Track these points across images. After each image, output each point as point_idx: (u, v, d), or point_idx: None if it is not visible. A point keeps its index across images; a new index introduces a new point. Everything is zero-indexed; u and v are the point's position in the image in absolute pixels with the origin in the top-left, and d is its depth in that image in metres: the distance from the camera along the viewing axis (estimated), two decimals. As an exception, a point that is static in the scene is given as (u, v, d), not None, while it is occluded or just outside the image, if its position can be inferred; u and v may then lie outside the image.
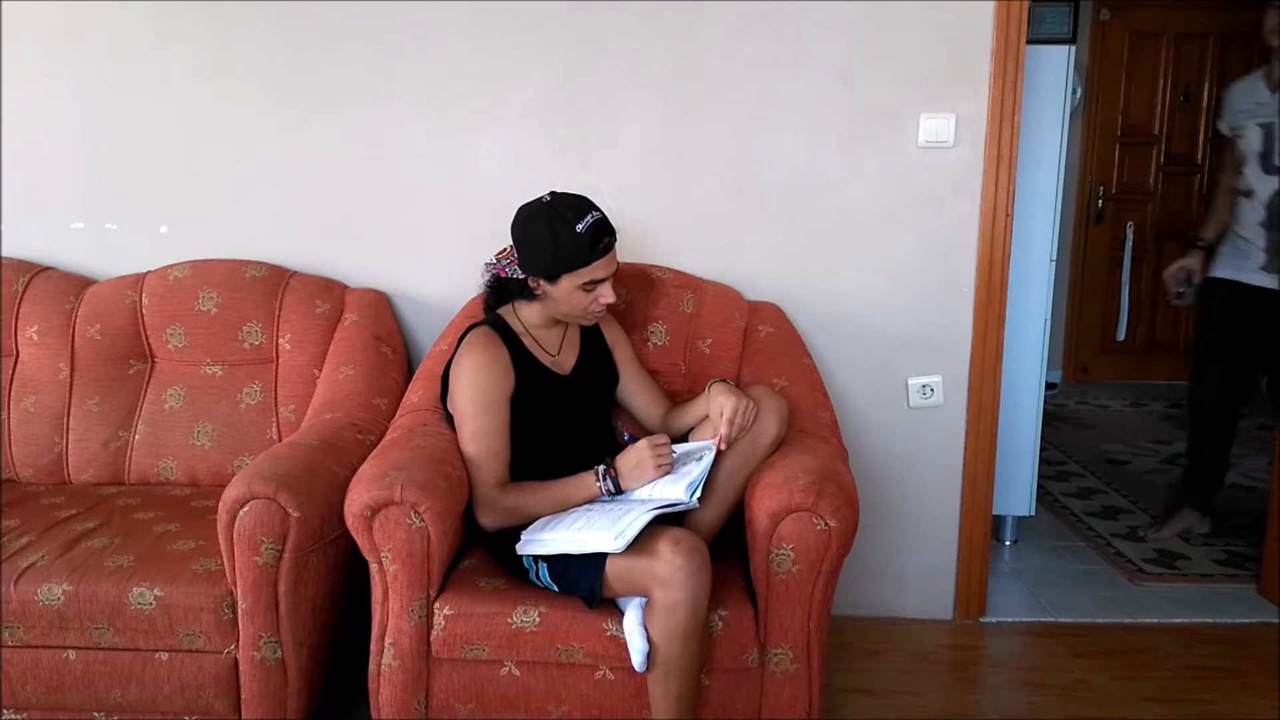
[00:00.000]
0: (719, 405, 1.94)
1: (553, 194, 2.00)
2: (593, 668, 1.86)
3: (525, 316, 2.09)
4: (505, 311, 2.10)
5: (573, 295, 1.99)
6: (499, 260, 2.07)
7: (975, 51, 2.49)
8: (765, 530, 1.83)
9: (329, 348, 2.45)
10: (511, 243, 2.04)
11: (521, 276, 2.01)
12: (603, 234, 1.97)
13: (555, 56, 2.52)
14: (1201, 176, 5.44)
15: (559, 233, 1.94)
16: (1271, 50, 2.99)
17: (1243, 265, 3.06)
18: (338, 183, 2.59)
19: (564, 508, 1.93)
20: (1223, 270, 3.12)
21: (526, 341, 2.08)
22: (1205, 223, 3.24)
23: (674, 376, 2.40)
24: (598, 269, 1.97)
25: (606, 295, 2.01)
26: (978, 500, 2.70)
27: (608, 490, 1.92)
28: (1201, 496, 3.33)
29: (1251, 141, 3.00)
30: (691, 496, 1.86)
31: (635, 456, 1.91)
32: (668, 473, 1.91)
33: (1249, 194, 3.02)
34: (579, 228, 1.93)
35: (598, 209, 1.98)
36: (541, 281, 2.00)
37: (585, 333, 2.18)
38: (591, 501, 1.94)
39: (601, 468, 1.93)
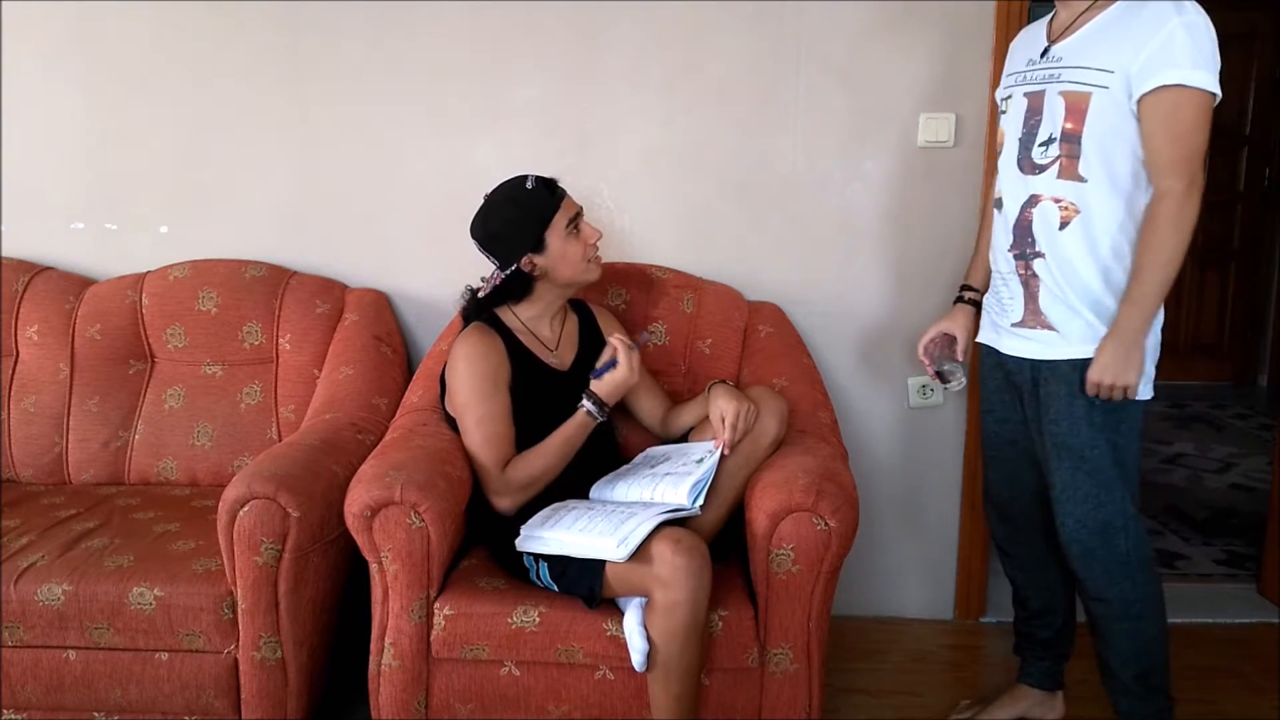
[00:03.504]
0: (719, 409, 1.95)
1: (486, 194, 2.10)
2: (593, 668, 1.86)
3: (520, 312, 2.10)
4: (501, 312, 2.11)
5: (566, 248, 2.05)
6: (485, 282, 2.09)
7: (975, 51, 2.49)
8: (765, 530, 1.83)
9: (329, 348, 2.45)
10: (485, 255, 2.07)
11: (512, 270, 2.03)
12: (550, 182, 2.07)
13: (555, 56, 2.52)
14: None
15: (517, 199, 2.04)
16: None
17: (996, 322, 2.02)
18: (338, 183, 2.59)
19: (573, 450, 1.98)
20: (983, 330, 2.09)
21: (524, 339, 2.08)
22: (974, 259, 2.18)
23: (674, 376, 2.40)
24: (568, 207, 2.06)
25: (590, 232, 2.09)
26: (978, 500, 2.69)
27: (592, 411, 1.98)
28: (1044, 655, 2.21)
29: (1012, 121, 1.94)
30: (694, 502, 1.86)
31: (612, 378, 1.98)
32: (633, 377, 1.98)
33: (999, 205, 1.97)
34: (529, 185, 2.05)
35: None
36: (534, 258, 2.03)
37: (584, 330, 2.19)
38: (590, 434, 1.99)
39: (585, 401, 1.98)
